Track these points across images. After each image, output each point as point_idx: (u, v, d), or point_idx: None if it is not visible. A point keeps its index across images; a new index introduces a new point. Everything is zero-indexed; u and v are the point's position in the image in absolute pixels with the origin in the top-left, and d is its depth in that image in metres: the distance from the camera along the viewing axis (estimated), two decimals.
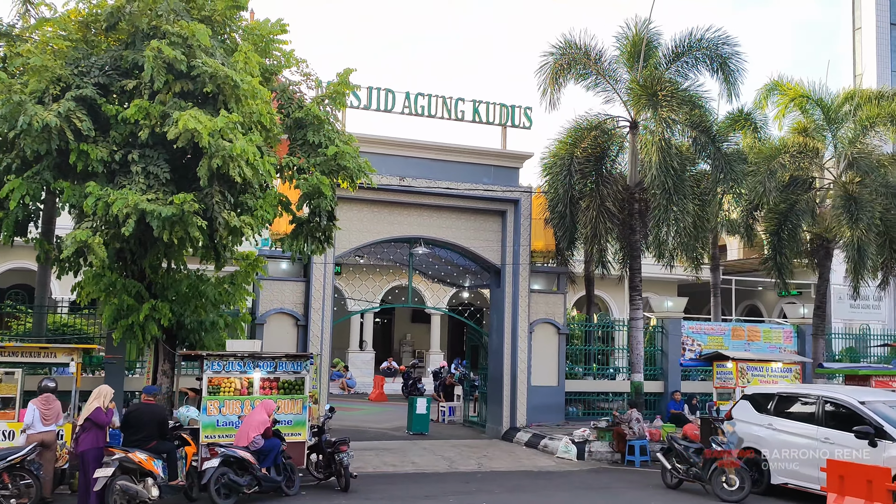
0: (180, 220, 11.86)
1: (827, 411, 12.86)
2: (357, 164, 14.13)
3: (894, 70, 33.63)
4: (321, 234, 14.53)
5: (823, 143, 20.54)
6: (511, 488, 13.89)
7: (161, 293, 14.18)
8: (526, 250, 20.13)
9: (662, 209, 16.96)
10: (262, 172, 12.63)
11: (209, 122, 11.46)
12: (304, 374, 13.46)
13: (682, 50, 18.52)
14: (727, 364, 16.80)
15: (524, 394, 19.92)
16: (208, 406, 12.77)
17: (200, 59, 12.13)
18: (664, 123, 16.75)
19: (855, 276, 19.13)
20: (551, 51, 18.97)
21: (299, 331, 18.35)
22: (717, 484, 13.02)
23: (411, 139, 19.85)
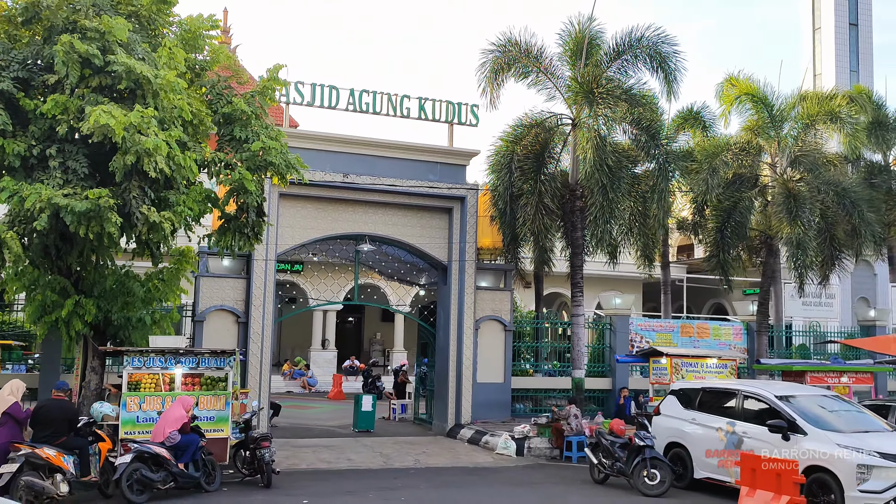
0: (96, 215, 11.81)
1: (746, 406, 12.94)
2: (285, 159, 14.05)
3: (853, 70, 33.88)
4: (249, 231, 14.45)
5: (769, 141, 20.65)
6: (438, 484, 13.91)
7: (88, 289, 14.12)
8: (472, 247, 20.15)
9: (599, 206, 17.03)
10: (183, 168, 12.63)
11: (122, 118, 11.40)
12: (227, 370, 13.42)
13: (622, 48, 18.57)
14: (662, 360, 16.89)
15: (469, 390, 19.94)
16: (128, 402, 12.71)
17: (117, 54, 12.08)
18: (599, 121, 16.80)
19: (796, 273, 19.23)
20: (491, 49, 19.00)
21: (240, 328, 18.29)
22: (639, 478, 13.09)
23: (356, 136, 19.84)
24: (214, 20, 14.80)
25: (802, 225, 18.24)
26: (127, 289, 14.37)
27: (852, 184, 20.08)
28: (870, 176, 25.12)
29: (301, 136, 19.49)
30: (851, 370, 17.43)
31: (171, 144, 12.25)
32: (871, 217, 19.84)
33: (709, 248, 20.99)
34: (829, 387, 16.93)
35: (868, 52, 34.39)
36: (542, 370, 22.11)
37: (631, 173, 18.66)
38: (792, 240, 18.38)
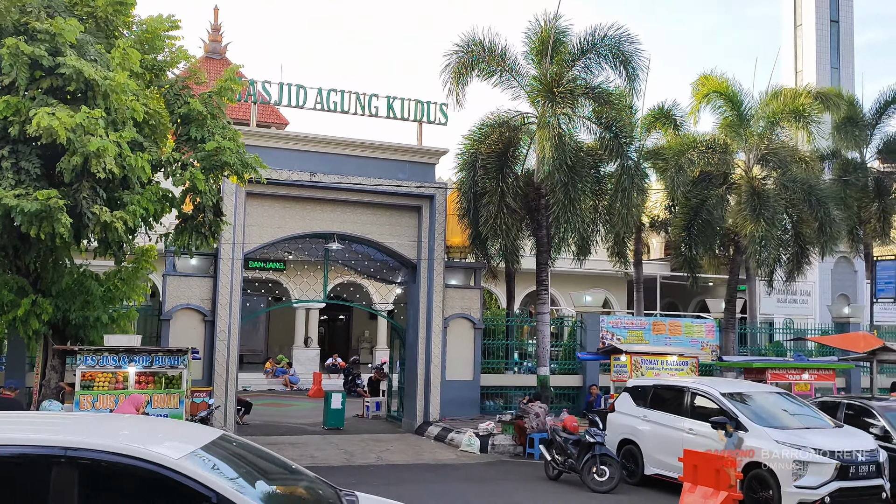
0: (47, 215, 11.93)
1: (694, 403, 13.06)
2: (240, 159, 14.17)
3: (834, 67, 33.91)
4: (206, 230, 14.58)
5: (737, 139, 20.73)
6: (394, 481, 14.04)
7: (46, 288, 14.26)
8: (441, 246, 20.26)
9: (561, 205, 17.12)
10: (135, 168, 12.75)
11: (67, 119, 11.52)
12: (181, 368, 13.55)
13: (587, 47, 18.64)
14: (622, 357, 16.99)
15: (437, 388, 20.06)
16: (81, 400, 12.86)
17: (67, 56, 12.21)
18: (559, 119, 16.88)
19: (763, 270, 19.32)
20: (455, 49, 19.08)
21: (206, 326, 18.41)
22: (589, 475, 13.21)
23: (323, 135, 19.96)
24: (174, 21, 14.93)
25: (766, 222, 18.33)
26: (85, 288, 14.51)
27: (818, 181, 20.15)
28: (844, 173, 25.23)
29: (268, 135, 19.63)
30: (813, 367, 17.54)
31: (121, 145, 12.39)
32: (838, 215, 19.92)
33: (676, 245, 21.07)
34: (790, 384, 17.12)
35: (849, 49, 34.40)
36: (512, 367, 22.22)
37: (594, 172, 18.74)
38: (755, 237, 18.46)
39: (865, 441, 11.74)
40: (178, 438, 5.74)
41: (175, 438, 5.76)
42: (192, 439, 5.55)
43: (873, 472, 11.20)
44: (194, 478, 4.88)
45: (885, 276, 22.58)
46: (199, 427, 6.75)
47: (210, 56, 39.05)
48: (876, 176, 26.10)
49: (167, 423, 7.20)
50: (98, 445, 5.04)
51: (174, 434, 6.19)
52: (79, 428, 5.88)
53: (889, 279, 22.52)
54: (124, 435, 5.60)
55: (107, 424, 6.51)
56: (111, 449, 5.01)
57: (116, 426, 6.39)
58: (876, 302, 23.27)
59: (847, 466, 11.04)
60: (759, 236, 18.39)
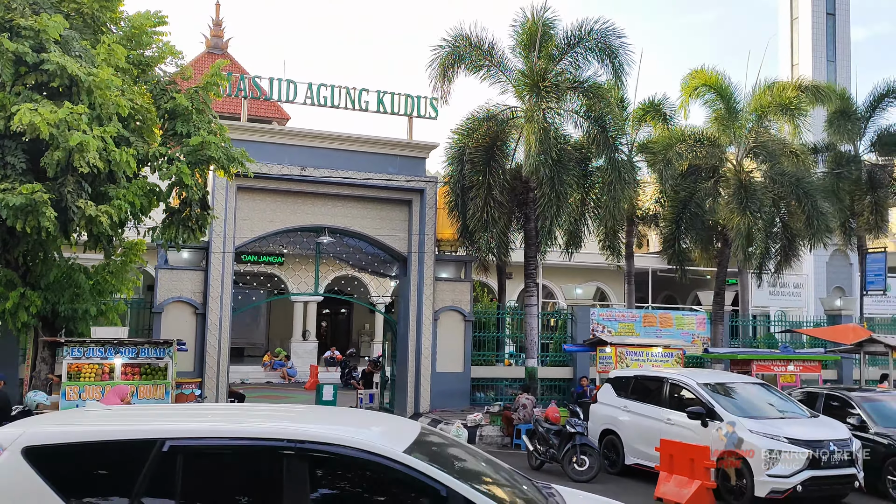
0: (32, 209, 12.13)
1: (673, 393, 13.18)
2: (226, 153, 14.33)
3: (830, 60, 33.86)
4: (193, 224, 14.75)
5: (726, 132, 20.79)
6: None
7: (35, 281, 14.47)
8: (431, 239, 20.40)
9: (547, 198, 17.23)
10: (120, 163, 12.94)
11: (49, 115, 11.70)
12: (166, 360, 13.74)
13: (573, 41, 18.72)
14: (606, 349, 17.12)
15: (428, 380, 20.24)
16: (68, 391, 13.06)
17: (51, 52, 12.39)
18: (544, 113, 16.98)
19: (751, 263, 19.41)
20: (442, 44, 19.18)
21: (198, 319, 18.61)
22: (569, 465, 13.36)
23: (315, 130, 20.14)
24: (160, 17, 15.08)
25: (752, 215, 18.41)
26: (73, 281, 14.71)
27: (806, 174, 20.19)
28: (837, 166, 25.27)
29: (258, 130, 19.76)
30: (798, 359, 17.64)
31: (105, 140, 12.57)
32: (826, 207, 19.97)
33: (666, 238, 21.17)
34: (775, 375, 17.24)
35: (845, 43, 34.34)
36: (502, 359, 22.37)
37: (582, 166, 18.83)
38: (741, 230, 18.55)
39: (839, 430, 11.87)
40: (394, 431, 5.70)
41: (391, 431, 5.72)
42: (406, 432, 5.52)
43: (846, 461, 11.32)
44: (423, 471, 4.85)
45: (874, 269, 22.65)
46: (402, 420, 6.67)
47: (212, 51, 39.26)
48: (869, 169, 26.12)
49: (374, 415, 7.18)
50: (324, 437, 5.07)
51: (388, 426, 6.13)
52: (301, 419, 5.95)
53: (879, 271, 22.59)
54: (345, 427, 5.62)
55: (323, 416, 6.52)
56: (337, 441, 5.02)
57: (334, 418, 6.40)
58: (866, 294, 23.32)
59: (819, 455, 11.16)
60: (745, 229, 18.47)
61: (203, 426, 5.45)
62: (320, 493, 4.95)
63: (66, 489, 4.87)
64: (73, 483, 4.95)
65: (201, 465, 5.06)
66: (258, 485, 4.96)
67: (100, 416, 5.96)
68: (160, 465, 4.91)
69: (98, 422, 5.65)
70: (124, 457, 5.01)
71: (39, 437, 5.09)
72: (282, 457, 4.89)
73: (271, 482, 4.90)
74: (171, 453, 4.93)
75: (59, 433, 5.27)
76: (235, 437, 5.13)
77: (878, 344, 18.25)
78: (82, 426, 5.48)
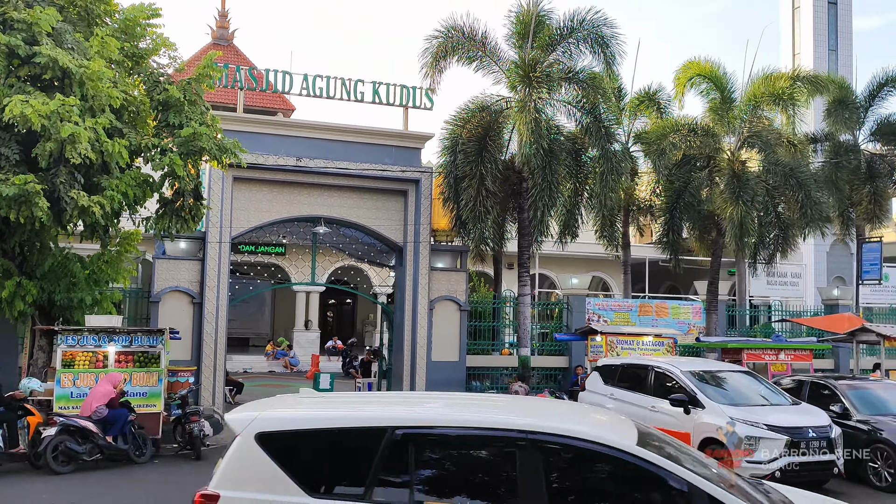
0: (25, 199, 12.36)
1: (657, 381, 13.32)
2: (218, 144, 14.51)
3: (832, 49, 33.74)
4: (186, 214, 14.95)
5: (720, 122, 20.82)
6: None
7: (31, 271, 14.72)
8: (426, 229, 20.54)
9: (538, 188, 17.34)
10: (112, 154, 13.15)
11: (40, 106, 11.91)
12: (159, 347, 13.95)
13: (567, 31, 18.78)
14: (597, 338, 17.25)
15: (423, 368, 20.40)
16: (62, 378, 13.29)
17: (42, 45, 12.59)
18: (536, 103, 17.07)
19: (738, 253, 19.47)
20: (435, 35, 19.28)
21: (195, 308, 18.82)
22: None
23: (310, 120, 20.28)
24: (154, 9, 15.25)
25: (745, 205, 18.47)
26: (69, 270, 14.95)
27: (800, 164, 20.22)
28: (835, 155, 25.26)
29: (254, 121, 19.88)
30: (789, 348, 17.74)
31: (97, 131, 12.77)
32: (819, 197, 20.01)
33: (660, 228, 21.25)
34: (766, 364, 17.36)
35: (847, 32, 34.19)
36: (499, 348, 22.53)
37: (575, 156, 18.91)
38: (734, 219, 18.62)
39: (818, 417, 11.98)
40: (616, 424, 5.65)
41: (613, 424, 5.66)
42: (625, 426, 5.48)
43: (824, 448, 11.45)
44: (661, 465, 4.76)
45: (870, 258, 22.66)
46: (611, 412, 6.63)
47: (217, 42, 39.45)
48: (868, 158, 26.09)
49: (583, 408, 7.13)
50: (557, 429, 5.02)
51: (607, 419, 6.10)
52: (529, 411, 5.91)
53: (874, 261, 22.60)
54: (571, 420, 5.54)
55: (529, 406, 6.51)
56: (571, 433, 4.97)
57: (557, 410, 6.38)
58: (862, 283, 23.34)
59: (798, 442, 11.29)
60: (738, 219, 18.54)
61: (434, 415, 5.46)
62: (554, 485, 4.87)
63: (300, 475, 4.93)
64: (307, 469, 5.00)
65: (433, 453, 5.06)
66: (491, 475, 4.95)
67: (322, 403, 5.99)
68: (392, 453, 4.92)
69: (326, 408, 5.69)
70: (356, 444, 5.03)
71: (271, 422, 5.17)
72: (515, 448, 4.86)
73: (504, 473, 4.87)
74: (402, 441, 4.94)
75: (290, 419, 5.31)
76: (468, 426, 5.10)
77: (870, 333, 18.32)
78: (312, 412, 5.50)
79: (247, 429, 5.06)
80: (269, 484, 4.91)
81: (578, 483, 5.06)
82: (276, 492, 4.89)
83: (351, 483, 4.95)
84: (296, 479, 4.91)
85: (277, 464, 4.94)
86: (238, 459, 5.03)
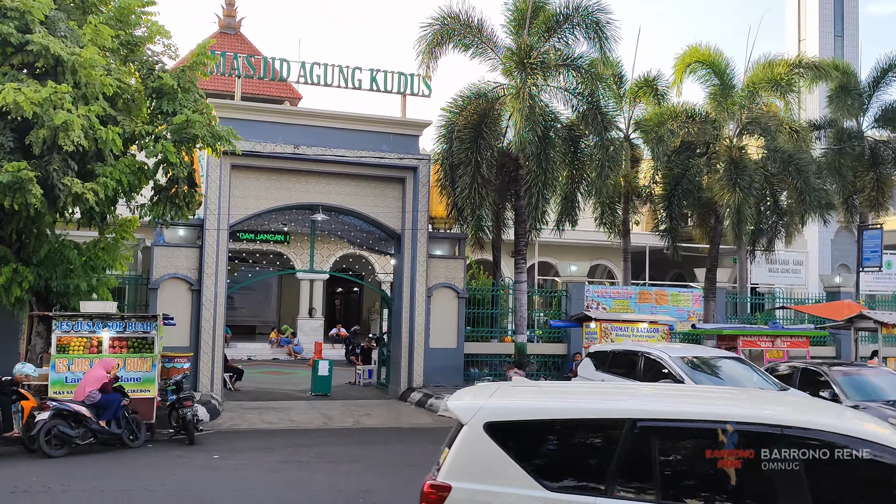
0: (19, 186, 12.49)
1: (647, 367, 13.34)
2: (211, 131, 14.58)
3: (837, 35, 33.45)
4: (181, 201, 15.05)
5: (719, 109, 20.71)
6: (358, 442, 14.53)
7: (28, 258, 14.88)
8: (424, 216, 20.59)
9: (533, 175, 17.34)
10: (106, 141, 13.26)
11: (32, 94, 12.02)
12: (152, 333, 14.08)
13: (562, 18, 18.73)
14: (591, 325, 17.28)
15: (421, 355, 20.51)
16: (57, 363, 13.45)
17: (37, 32, 12.69)
18: (530, 90, 17.05)
19: (735, 240, 19.42)
20: (430, 22, 19.26)
21: (193, 295, 18.97)
22: None
23: (308, 108, 20.43)
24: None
25: (742, 191, 18.41)
26: (65, 257, 15.09)
27: (798, 151, 20.10)
28: (838, 142, 25.10)
29: (252, 108, 19.96)
30: (785, 334, 17.72)
31: (90, 118, 12.87)
32: (817, 183, 19.91)
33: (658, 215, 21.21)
34: (761, 351, 17.35)
35: (853, 17, 33.87)
36: (498, 335, 22.60)
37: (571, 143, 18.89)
38: (730, 206, 18.57)
39: None
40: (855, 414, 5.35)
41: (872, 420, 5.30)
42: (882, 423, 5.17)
43: None
44: None
45: (870, 245, 22.55)
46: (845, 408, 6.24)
47: (224, 31, 39.53)
48: (872, 145, 25.91)
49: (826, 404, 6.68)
50: (814, 424, 4.72)
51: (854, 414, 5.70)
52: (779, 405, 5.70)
53: (874, 248, 22.48)
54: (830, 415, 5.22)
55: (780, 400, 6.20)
56: (832, 429, 4.67)
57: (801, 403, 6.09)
58: (862, 271, 23.24)
59: None
60: (735, 205, 18.49)
61: (679, 408, 5.15)
62: (820, 488, 4.52)
63: (536, 466, 4.75)
64: (542, 460, 4.82)
65: (677, 448, 4.79)
66: (744, 473, 4.60)
67: (547, 393, 5.82)
68: (633, 447, 4.69)
69: (558, 399, 5.53)
70: (594, 436, 4.85)
71: (500, 412, 5.03)
72: (774, 444, 4.56)
73: (761, 472, 4.55)
74: (643, 434, 4.70)
75: (521, 409, 5.19)
76: (715, 420, 4.81)
77: (867, 320, 18.27)
78: (544, 402, 5.34)
79: (474, 417, 4.92)
80: (503, 475, 4.75)
81: (848, 489, 4.67)
82: (511, 484, 4.73)
83: (590, 477, 4.73)
84: (531, 470, 4.73)
85: (510, 455, 4.78)
86: (468, 449, 4.87)
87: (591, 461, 4.81)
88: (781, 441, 4.56)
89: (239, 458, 12.67)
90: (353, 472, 11.83)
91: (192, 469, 11.87)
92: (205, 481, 11.11)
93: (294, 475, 11.43)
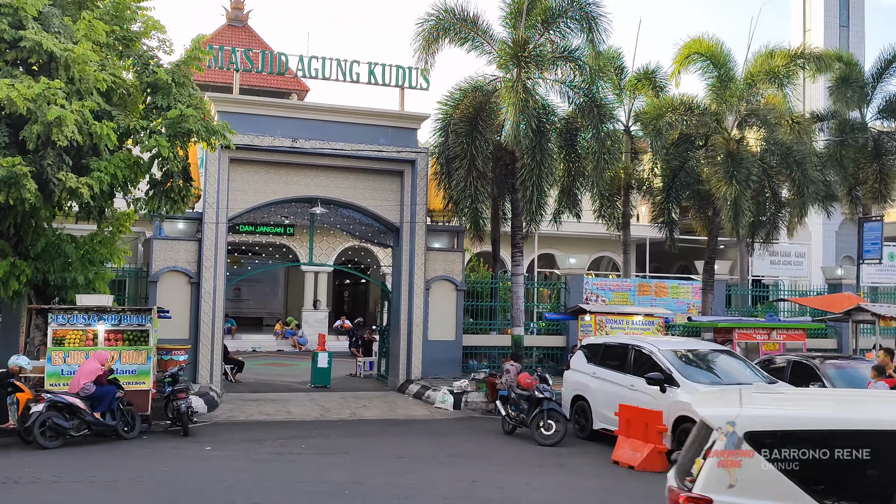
0: (14, 181, 12.64)
1: (637, 360, 13.38)
2: (205, 126, 14.68)
3: (843, 25, 33.23)
4: (176, 195, 15.18)
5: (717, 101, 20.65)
6: (352, 433, 14.66)
7: (26, 251, 15.05)
8: (422, 209, 20.66)
9: (528, 168, 17.37)
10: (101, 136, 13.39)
11: (25, 90, 12.15)
12: (147, 326, 14.23)
13: (558, 11, 18.70)
14: (586, 317, 17.32)
15: (419, 348, 20.62)
16: (53, 356, 13.62)
17: (30, 29, 12.82)
18: (525, 83, 17.06)
19: (732, 232, 19.39)
20: (426, 17, 19.27)
21: (192, 288, 19.12)
22: (536, 429, 13.67)
23: (306, 102, 20.49)
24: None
25: (739, 183, 18.38)
26: (62, 251, 15.25)
27: (797, 143, 20.02)
28: (841, 134, 24.97)
29: (250, 102, 20.03)
30: (781, 327, 17.70)
31: (84, 114, 13.00)
32: (816, 176, 19.84)
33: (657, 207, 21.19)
34: (757, 343, 17.34)
35: (859, 8, 33.62)
36: (497, 328, 22.67)
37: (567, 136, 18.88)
38: (728, 198, 18.54)
39: None
40: None
41: None
42: None
43: None
44: None
45: (871, 237, 22.45)
46: None
47: (232, 24, 39.69)
48: (875, 136, 25.75)
49: None
50: None
51: None
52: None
53: (875, 240, 22.38)
54: None
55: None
56: None
57: None
58: (863, 263, 23.16)
59: None
60: (732, 197, 18.46)
61: None
62: None
63: (807, 481, 4.45)
64: (813, 474, 4.50)
65: None
66: None
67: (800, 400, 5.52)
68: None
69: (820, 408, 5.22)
70: (872, 449, 4.50)
71: (759, 421, 4.79)
72: None
73: None
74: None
75: (783, 418, 4.89)
76: None
77: (865, 312, 18.22)
78: (808, 411, 5.02)
79: (734, 426, 4.69)
80: (770, 489, 4.48)
81: None
82: (782, 499, 4.46)
83: (872, 496, 4.45)
84: (802, 484, 4.45)
85: (779, 467, 4.52)
86: (728, 461, 4.64)
87: (871, 475, 4.50)
88: None
89: (232, 450, 12.82)
90: (343, 463, 11.96)
91: (183, 460, 12.02)
92: (194, 472, 11.25)
93: (284, 467, 11.55)
